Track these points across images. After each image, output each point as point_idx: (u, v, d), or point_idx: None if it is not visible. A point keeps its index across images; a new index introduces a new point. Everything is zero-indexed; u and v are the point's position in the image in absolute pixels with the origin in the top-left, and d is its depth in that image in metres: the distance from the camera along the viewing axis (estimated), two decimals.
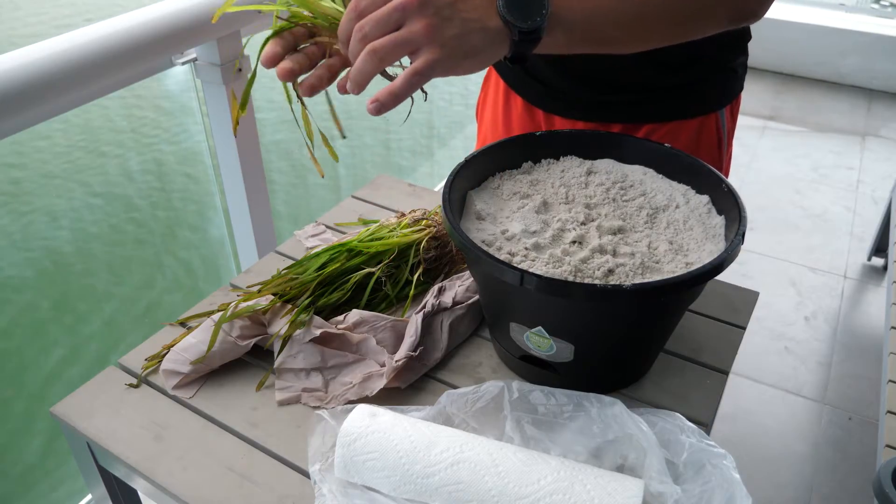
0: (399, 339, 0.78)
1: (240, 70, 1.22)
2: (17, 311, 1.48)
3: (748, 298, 0.89)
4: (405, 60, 0.58)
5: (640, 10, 0.63)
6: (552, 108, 0.95)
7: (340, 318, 0.80)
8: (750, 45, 0.93)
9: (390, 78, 0.58)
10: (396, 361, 0.73)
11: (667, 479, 0.59)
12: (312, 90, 0.60)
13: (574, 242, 0.71)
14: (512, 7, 0.56)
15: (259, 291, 0.82)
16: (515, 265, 0.64)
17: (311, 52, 0.61)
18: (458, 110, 2.73)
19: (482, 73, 1.08)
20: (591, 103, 0.65)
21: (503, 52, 0.58)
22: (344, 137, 0.66)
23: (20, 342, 1.48)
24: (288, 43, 0.60)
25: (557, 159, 0.84)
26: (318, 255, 0.85)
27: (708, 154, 0.94)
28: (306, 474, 0.66)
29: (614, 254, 0.70)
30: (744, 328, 0.84)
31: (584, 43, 0.62)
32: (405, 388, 0.75)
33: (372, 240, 0.87)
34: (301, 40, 0.61)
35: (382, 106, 0.55)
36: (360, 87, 0.56)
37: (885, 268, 2.30)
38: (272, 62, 0.58)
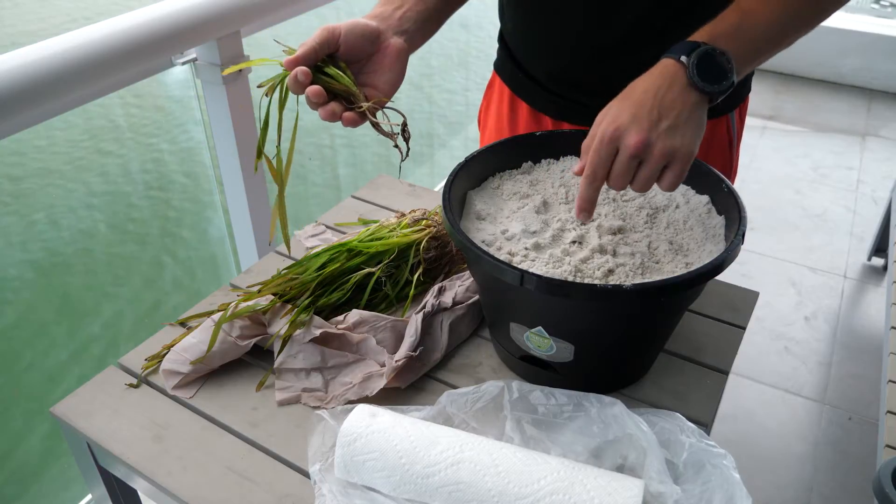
0: (399, 339, 0.78)
1: (240, 70, 1.22)
2: (16, 310, 1.47)
3: (748, 298, 0.89)
4: (395, 117, 0.70)
5: (792, 15, 0.68)
6: (561, 114, 0.94)
7: (340, 318, 0.80)
8: None
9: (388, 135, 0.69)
10: (396, 361, 0.73)
11: (667, 479, 0.59)
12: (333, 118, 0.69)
13: (574, 242, 0.71)
14: (705, 79, 0.63)
15: (259, 291, 0.82)
16: (515, 265, 0.64)
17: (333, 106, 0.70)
18: (459, 110, 2.73)
19: (483, 78, 1.08)
20: (594, 108, 0.66)
21: (706, 110, 0.65)
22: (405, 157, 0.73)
23: (20, 342, 1.48)
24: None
25: (557, 159, 0.84)
26: (318, 255, 0.85)
27: (720, 156, 0.94)
28: (306, 474, 0.66)
29: (614, 254, 0.70)
30: (744, 328, 0.84)
31: (757, 65, 0.70)
32: (405, 388, 0.75)
33: (372, 240, 0.87)
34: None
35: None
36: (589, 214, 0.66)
37: (885, 268, 2.29)
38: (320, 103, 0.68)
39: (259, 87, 0.69)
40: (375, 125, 0.69)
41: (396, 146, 0.70)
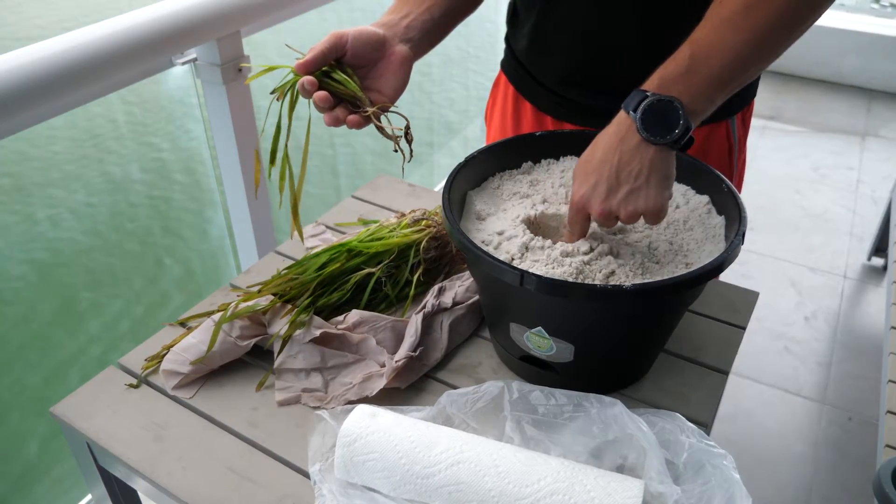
0: (399, 339, 0.78)
1: (240, 71, 1.22)
2: (16, 310, 1.47)
3: (748, 298, 0.89)
4: (398, 121, 0.73)
5: (757, 44, 0.63)
6: (563, 115, 0.94)
7: (340, 318, 0.80)
8: None
9: (391, 138, 0.72)
10: (396, 361, 0.73)
11: (667, 479, 0.59)
12: (338, 124, 0.72)
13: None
14: (656, 133, 0.63)
15: (259, 291, 0.82)
16: (515, 265, 0.64)
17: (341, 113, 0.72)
18: (459, 110, 2.73)
19: (489, 77, 1.09)
20: (604, 111, 0.67)
21: (674, 157, 0.66)
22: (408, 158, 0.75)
23: (20, 342, 1.48)
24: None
25: (557, 159, 0.84)
26: (318, 255, 0.85)
27: (717, 161, 0.93)
28: (306, 474, 0.66)
29: (614, 254, 0.70)
30: (744, 328, 0.84)
31: (725, 98, 0.66)
32: (405, 388, 0.75)
33: (372, 240, 0.87)
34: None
35: None
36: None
37: (884, 268, 2.29)
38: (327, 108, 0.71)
39: (272, 93, 0.71)
40: (380, 129, 0.71)
41: (399, 149, 0.72)
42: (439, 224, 0.89)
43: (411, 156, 0.73)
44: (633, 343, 0.72)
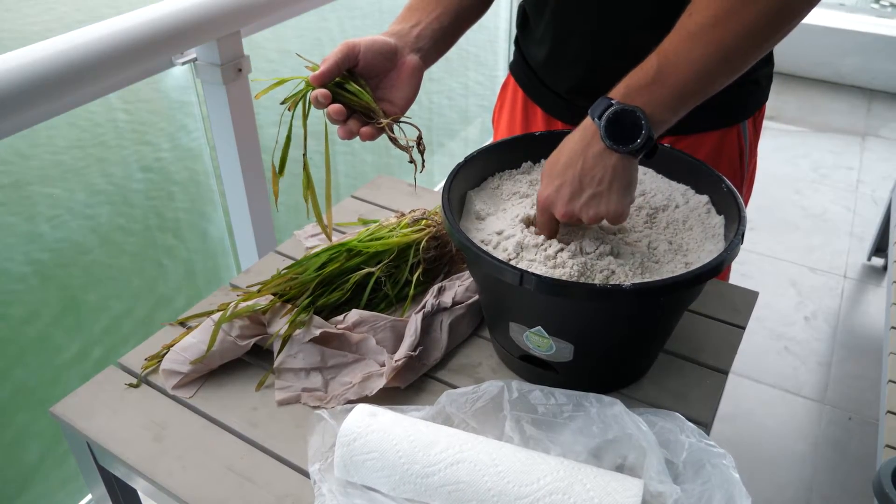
0: (399, 338, 0.78)
1: (240, 71, 1.22)
2: (16, 310, 1.47)
3: (748, 298, 0.89)
4: (410, 131, 0.74)
5: (724, 58, 0.63)
6: (574, 120, 0.94)
7: (340, 317, 0.80)
8: None
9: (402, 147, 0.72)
10: (396, 361, 0.73)
11: (666, 478, 0.59)
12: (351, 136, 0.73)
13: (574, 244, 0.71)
14: (616, 140, 0.63)
15: (259, 291, 0.82)
16: (515, 265, 0.64)
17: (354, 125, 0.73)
18: (459, 110, 2.73)
19: (489, 78, 1.09)
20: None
21: (637, 164, 0.66)
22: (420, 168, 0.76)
23: (19, 342, 1.48)
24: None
25: None
26: (317, 255, 0.85)
27: (728, 166, 0.93)
28: (306, 474, 0.66)
29: (615, 254, 0.70)
30: (744, 328, 0.84)
31: (690, 108, 0.66)
32: (405, 388, 0.75)
33: (372, 240, 0.87)
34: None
35: None
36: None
37: (885, 268, 2.29)
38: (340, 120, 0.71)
39: (282, 103, 0.71)
40: (393, 140, 0.71)
41: (412, 160, 0.73)
42: (439, 224, 0.89)
43: (423, 166, 0.74)
44: (633, 343, 0.72)
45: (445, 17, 0.80)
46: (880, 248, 2.27)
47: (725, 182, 0.74)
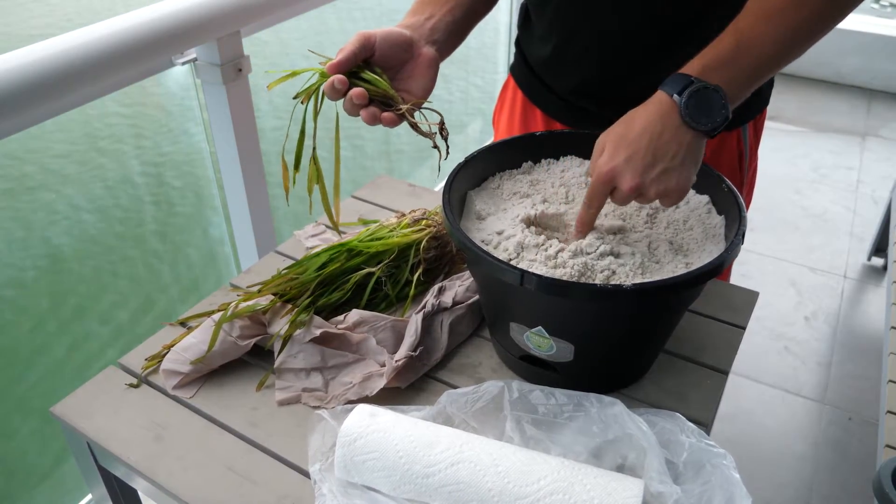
0: (399, 339, 0.78)
1: (240, 70, 1.22)
2: (16, 310, 1.47)
3: (748, 298, 0.89)
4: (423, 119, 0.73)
5: (799, 39, 0.66)
6: (574, 122, 0.94)
7: (340, 318, 0.80)
8: None
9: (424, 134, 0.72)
10: (396, 361, 0.73)
11: (667, 479, 0.59)
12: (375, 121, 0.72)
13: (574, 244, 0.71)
14: (698, 119, 0.64)
15: (259, 291, 0.82)
16: (515, 265, 0.64)
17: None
18: (459, 110, 2.73)
19: (489, 79, 1.09)
20: (613, 119, 0.67)
21: (705, 143, 0.67)
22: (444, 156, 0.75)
23: (19, 342, 1.48)
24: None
25: (557, 159, 0.84)
26: (318, 255, 0.85)
27: (728, 169, 0.93)
28: (306, 474, 0.66)
29: (615, 254, 0.70)
30: (744, 328, 0.84)
31: (756, 88, 0.68)
32: (405, 388, 0.75)
33: (372, 240, 0.87)
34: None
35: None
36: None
37: (885, 268, 2.29)
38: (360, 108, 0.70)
39: (295, 97, 0.70)
40: (414, 126, 0.70)
41: (436, 146, 0.72)
42: (439, 224, 0.89)
43: (448, 153, 0.72)
44: (633, 343, 0.72)
45: (458, 9, 0.80)
46: (880, 248, 2.27)
47: (726, 182, 0.74)
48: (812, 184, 2.76)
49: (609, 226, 0.73)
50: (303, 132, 0.71)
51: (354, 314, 0.79)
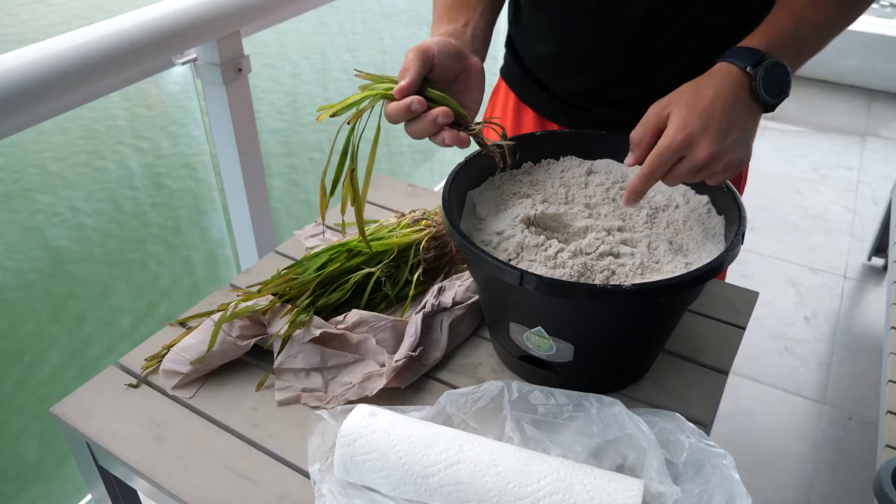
0: (399, 339, 0.78)
1: (240, 70, 1.22)
2: (16, 310, 1.47)
3: (748, 298, 0.89)
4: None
5: (838, 17, 0.69)
6: (569, 122, 0.93)
7: (340, 318, 0.80)
8: None
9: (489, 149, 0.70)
10: (396, 361, 0.73)
11: (667, 479, 0.59)
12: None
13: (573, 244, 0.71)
14: (771, 92, 0.64)
15: (259, 291, 0.82)
16: (515, 265, 0.64)
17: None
18: None
19: (490, 81, 1.08)
20: (611, 119, 0.67)
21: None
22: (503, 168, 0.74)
23: (19, 342, 1.48)
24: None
25: (557, 159, 0.84)
26: (317, 255, 0.85)
27: None
28: (306, 474, 0.66)
29: (615, 254, 0.70)
30: (744, 328, 0.84)
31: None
32: (405, 388, 0.75)
33: (372, 240, 0.87)
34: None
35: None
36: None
37: (885, 268, 2.29)
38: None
39: (333, 114, 0.65)
40: (483, 145, 0.68)
41: (504, 164, 0.70)
42: (439, 224, 0.89)
43: (514, 165, 0.71)
44: (633, 343, 0.72)
45: (487, 13, 0.78)
46: (880, 248, 2.27)
47: (726, 182, 0.74)
48: (812, 184, 2.76)
49: (609, 226, 0.73)
50: (345, 153, 0.67)
51: (354, 314, 0.79)
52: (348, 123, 0.64)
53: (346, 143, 0.66)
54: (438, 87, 0.67)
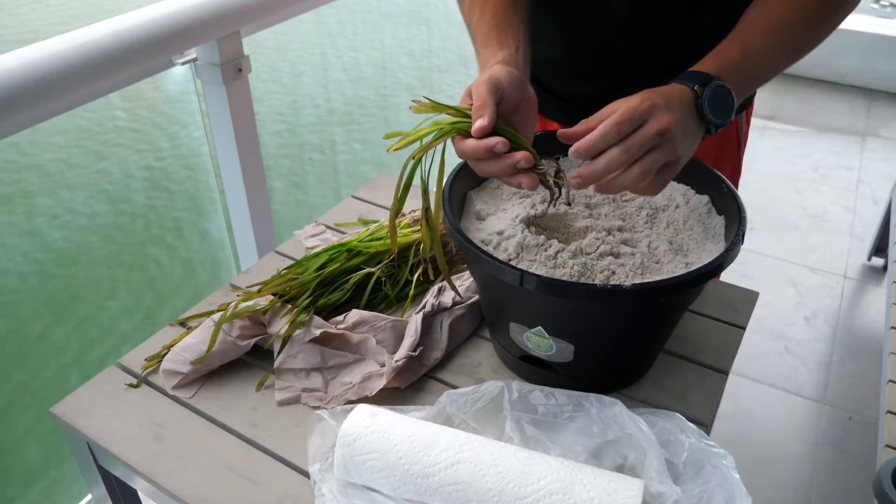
0: (399, 339, 0.78)
1: (240, 70, 1.22)
2: (16, 310, 1.47)
3: (748, 298, 0.89)
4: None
5: (795, 55, 0.72)
6: (568, 121, 0.93)
7: (340, 318, 0.80)
8: None
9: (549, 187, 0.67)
10: (396, 361, 0.73)
11: (667, 479, 0.59)
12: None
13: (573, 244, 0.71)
14: (715, 112, 0.65)
15: (259, 291, 0.82)
16: (515, 265, 0.64)
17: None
18: None
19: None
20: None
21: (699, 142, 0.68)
22: (568, 204, 0.74)
23: (19, 342, 1.48)
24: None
25: (557, 160, 0.83)
26: (317, 255, 0.85)
27: (729, 158, 0.96)
28: (306, 474, 0.66)
29: (615, 254, 0.70)
30: (744, 328, 0.84)
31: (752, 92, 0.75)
32: (405, 388, 0.75)
33: (372, 240, 0.87)
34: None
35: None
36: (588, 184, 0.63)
37: (885, 268, 2.29)
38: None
39: (395, 148, 0.62)
40: (545, 184, 0.66)
41: (559, 197, 0.68)
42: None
43: (567, 201, 0.70)
44: (633, 343, 0.72)
45: (528, 31, 0.76)
46: (880, 248, 2.27)
47: (725, 182, 0.74)
48: (812, 184, 2.76)
49: (609, 226, 0.73)
50: (407, 188, 0.64)
51: (354, 314, 0.79)
52: (413, 157, 0.62)
53: (410, 177, 0.63)
54: (501, 120, 0.64)
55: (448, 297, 0.82)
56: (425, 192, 0.65)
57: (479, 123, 0.61)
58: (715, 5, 0.78)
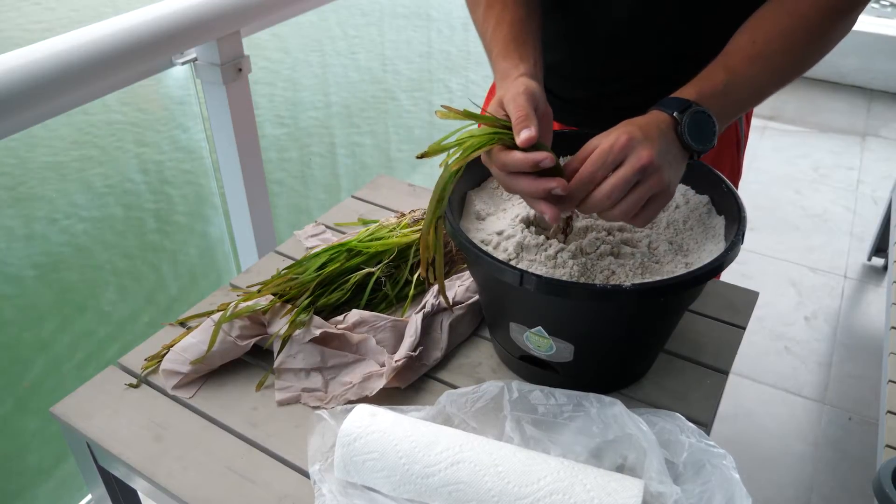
0: (399, 339, 0.78)
1: (240, 70, 1.22)
2: (15, 311, 1.48)
3: (748, 298, 0.89)
4: None
5: (781, 80, 0.71)
6: (572, 121, 0.93)
7: (340, 318, 0.80)
8: None
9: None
10: (396, 361, 0.73)
11: (667, 479, 0.59)
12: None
13: (574, 244, 0.71)
14: (695, 138, 0.65)
15: (259, 291, 0.82)
16: (515, 265, 0.64)
17: None
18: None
19: (483, 79, 1.07)
20: (615, 117, 0.66)
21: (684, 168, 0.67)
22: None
23: (19, 342, 1.48)
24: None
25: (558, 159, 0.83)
26: (317, 255, 0.85)
27: (728, 157, 0.95)
28: (306, 474, 0.66)
29: (615, 254, 0.70)
30: (744, 328, 0.84)
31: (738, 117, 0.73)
32: (405, 388, 0.75)
33: (372, 240, 0.87)
34: None
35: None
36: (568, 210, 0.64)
37: (885, 268, 2.29)
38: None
39: (434, 152, 0.61)
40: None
41: (565, 232, 0.71)
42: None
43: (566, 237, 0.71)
44: (633, 343, 0.72)
45: (540, 45, 0.75)
46: (880, 248, 2.27)
47: (725, 182, 0.74)
48: (812, 184, 2.76)
49: (609, 226, 0.73)
50: (442, 199, 0.63)
51: (354, 314, 0.79)
52: (452, 167, 0.61)
53: (446, 187, 0.62)
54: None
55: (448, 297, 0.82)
56: (441, 201, 0.63)
57: (525, 134, 0.59)
58: (716, 9, 0.78)
